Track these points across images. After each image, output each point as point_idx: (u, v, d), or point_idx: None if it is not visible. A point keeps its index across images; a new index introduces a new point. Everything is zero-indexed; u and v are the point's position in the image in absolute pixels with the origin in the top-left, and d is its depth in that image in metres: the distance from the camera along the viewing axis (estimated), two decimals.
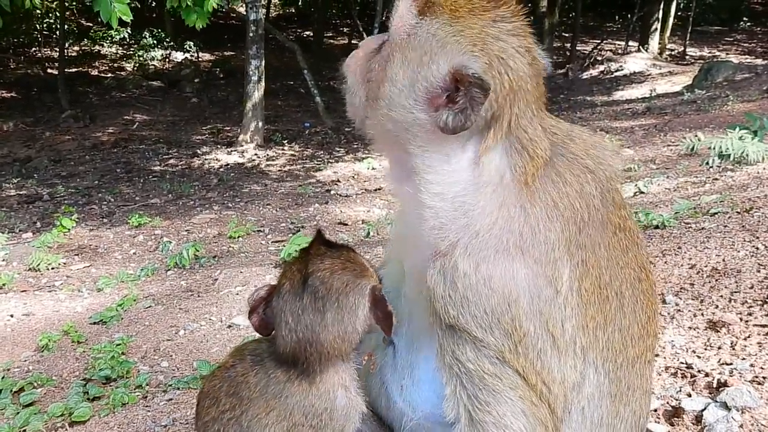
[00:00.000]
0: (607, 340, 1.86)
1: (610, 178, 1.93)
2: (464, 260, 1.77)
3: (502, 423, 1.78)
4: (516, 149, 1.82)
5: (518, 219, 1.78)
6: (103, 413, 4.24)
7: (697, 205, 7.00)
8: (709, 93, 18.50)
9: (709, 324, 3.68)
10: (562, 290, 1.78)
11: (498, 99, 1.78)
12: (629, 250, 1.93)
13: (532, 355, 1.78)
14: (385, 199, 12.16)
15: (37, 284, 8.70)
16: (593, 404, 1.87)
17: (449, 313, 1.79)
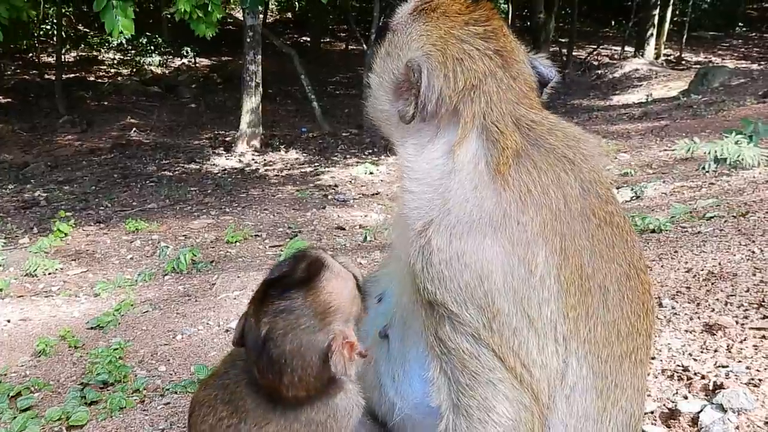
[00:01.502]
0: (589, 333, 1.88)
1: (592, 171, 1.97)
2: (438, 236, 1.84)
3: (485, 407, 1.80)
4: (489, 141, 1.92)
5: (490, 199, 1.85)
6: (101, 417, 4.24)
7: (693, 210, 7.03)
8: (705, 98, 18.57)
9: (705, 327, 3.69)
10: (537, 272, 1.82)
11: (452, 95, 1.93)
12: (616, 246, 1.95)
13: (507, 333, 1.81)
14: (382, 204, 12.19)
15: (33, 289, 8.68)
16: (578, 395, 1.88)
17: (427, 289, 1.85)
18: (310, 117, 21.12)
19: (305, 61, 21.72)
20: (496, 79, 1.96)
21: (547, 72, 2.15)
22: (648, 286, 2.03)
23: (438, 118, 1.97)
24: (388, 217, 11.07)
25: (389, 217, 10.95)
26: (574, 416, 1.89)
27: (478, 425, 1.81)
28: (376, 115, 2.17)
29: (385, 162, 15.80)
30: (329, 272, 1.95)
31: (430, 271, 1.84)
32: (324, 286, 1.93)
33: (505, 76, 1.98)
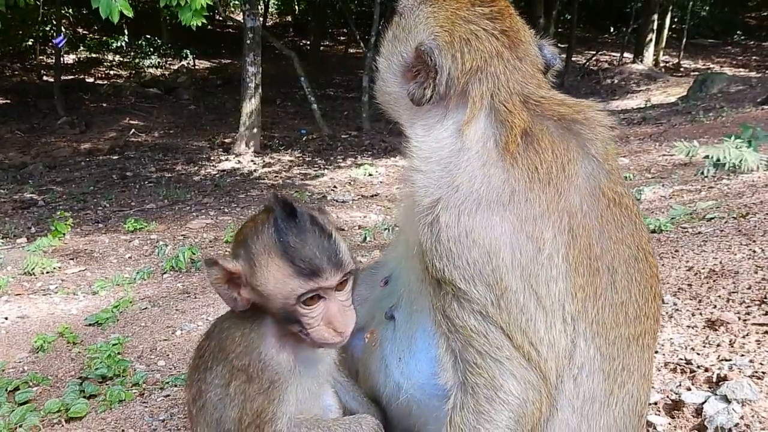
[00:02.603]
0: (597, 314, 1.88)
1: (601, 150, 1.97)
2: (446, 213, 1.85)
3: (492, 385, 1.80)
4: (497, 121, 1.93)
5: (498, 177, 1.86)
6: (101, 409, 4.21)
7: (693, 211, 7.03)
8: (704, 104, 18.63)
9: (707, 323, 3.68)
10: (545, 250, 1.82)
11: (460, 76, 1.95)
12: (624, 227, 1.95)
13: (515, 310, 1.81)
14: (381, 205, 12.18)
15: (31, 288, 8.65)
16: (585, 376, 1.88)
17: (435, 267, 1.85)
18: (310, 119, 21.14)
19: (305, 64, 21.75)
20: (503, 59, 1.98)
21: (551, 57, 2.16)
22: (656, 270, 2.03)
23: (447, 99, 1.98)
24: (387, 217, 11.06)
25: (389, 217, 10.95)
26: (581, 398, 1.89)
27: (485, 403, 1.81)
28: (384, 98, 2.18)
29: (384, 164, 15.81)
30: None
31: (438, 249, 1.84)
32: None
33: (512, 56, 1.99)
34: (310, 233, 1.92)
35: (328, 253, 1.89)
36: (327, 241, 1.91)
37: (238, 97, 19.54)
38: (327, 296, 1.91)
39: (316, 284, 1.87)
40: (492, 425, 1.81)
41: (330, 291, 1.91)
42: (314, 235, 1.91)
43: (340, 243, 1.94)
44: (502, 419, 1.81)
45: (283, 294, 1.88)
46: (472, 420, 1.82)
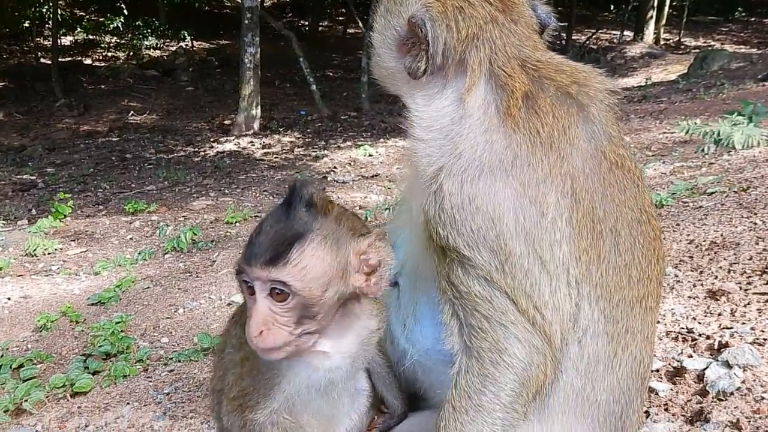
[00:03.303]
0: (601, 277, 1.88)
1: (602, 112, 1.96)
2: (449, 181, 1.84)
3: (497, 348, 1.81)
4: (498, 86, 1.91)
5: (500, 142, 1.85)
6: (105, 384, 4.25)
7: (694, 186, 7.03)
8: (705, 81, 18.53)
9: (708, 293, 3.69)
10: (549, 213, 1.82)
11: (456, 45, 1.92)
12: (627, 190, 1.95)
13: (519, 275, 1.81)
14: (382, 185, 12.17)
15: (33, 269, 8.67)
16: (590, 339, 1.89)
17: (439, 234, 1.85)
18: (309, 100, 21.05)
19: (303, 45, 21.61)
20: (498, 24, 1.96)
21: (545, 16, 2.13)
22: (658, 232, 2.03)
23: (445, 69, 1.96)
24: (388, 198, 11.06)
25: (389, 198, 10.95)
26: (585, 360, 1.90)
27: (490, 366, 1.82)
28: (381, 73, 2.15)
29: (384, 144, 15.77)
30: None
31: (441, 216, 1.84)
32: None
33: (507, 20, 1.97)
34: (278, 218, 1.83)
35: (267, 243, 1.77)
36: (279, 233, 1.78)
37: (236, 79, 19.44)
38: (256, 293, 1.80)
39: (243, 268, 1.79)
40: (497, 388, 1.82)
41: (260, 288, 1.79)
42: (277, 221, 1.82)
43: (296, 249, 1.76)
44: (507, 382, 1.82)
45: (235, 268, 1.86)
46: (477, 383, 1.84)
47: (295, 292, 1.76)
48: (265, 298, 1.78)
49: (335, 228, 1.85)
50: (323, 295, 1.80)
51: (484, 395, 1.82)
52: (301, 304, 1.78)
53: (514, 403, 1.83)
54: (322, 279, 1.79)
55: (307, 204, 1.84)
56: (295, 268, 1.75)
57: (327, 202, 1.91)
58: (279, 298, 1.78)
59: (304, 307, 1.79)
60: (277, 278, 1.74)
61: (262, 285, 1.77)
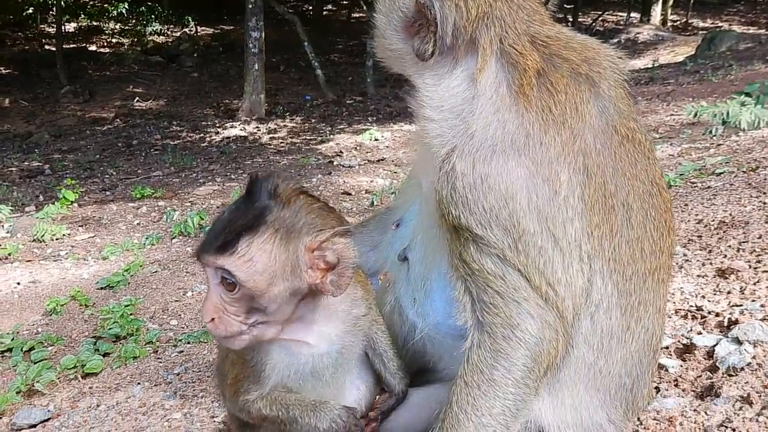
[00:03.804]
0: (614, 251, 1.88)
1: (612, 87, 1.95)
2: (461, 161, 1.83)
3: (509, 324, 1.82)
4: (509, 65, 1.89)
5: (512, 121, 1.84)
6: (116, 365, 4.29)
7: (702, 167, 7.00)
8: (713, 63, 18.37)
9: (717, 272, 3.68)
10: (562, 191, 1.81)
11: (466, 24, 1.89)
12: (638, 163, 1.94)
13: (533, 253, 1.81)
14: (388, 169, 12.15)
15: (42, 254, 8.73)
16: (602, 313, 1.89)
17: (452, 214, 1.84)
18: (314, 85, 21.01)
19: (308, 29, 21.52)
20: (506, 1, 1.93)
21: None
22: (669, 204, 2.02)
23: (455, 49, 1.93)
24: (393, 182, 11.05)
25: (395, 182, 10.93)
26: (597, 334, 1.90)
27: (502, 342, 1.82)
28: (386, 55, 2.11)
29: (389, 129, 15.73)
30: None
31: (454, 197, 1.83)
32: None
33: None
34: (236, 207, 1.83)
35: (218, 232, 1.79)
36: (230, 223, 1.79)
37: (241, 64, 19.40)
38: (209, 279, 1.82)
39: (198, 253, 1.81)
40: (509, 363, 1.83)
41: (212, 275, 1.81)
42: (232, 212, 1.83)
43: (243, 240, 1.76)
44: (519, 357, 1.82)
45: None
46: (489, 358, 1.84)
47: (240, 283, 1.76)
48: (217, 285, 1.80)
49: (291, 222, 1.82)
50: (268, 289, 1.79)
51: (497, 370, 1.83)
52: (248, 296, 1.78)
53: (526, 378, 1.84)
54: (267, 273, 1.78)
55: (269, 195, 1.83)
56: (240, 259, 1.76)
57: (294, 193, 1.89)
58: (228, 288, 1.78)
59: (251, 299, 1.79)
60: (223, 266, 1.76)
61: (213, 272, 1.80)
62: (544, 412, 1.96)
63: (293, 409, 1.95)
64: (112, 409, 3.55)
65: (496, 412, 1.83)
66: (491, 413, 1.83)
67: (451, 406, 1.87)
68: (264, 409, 1.96)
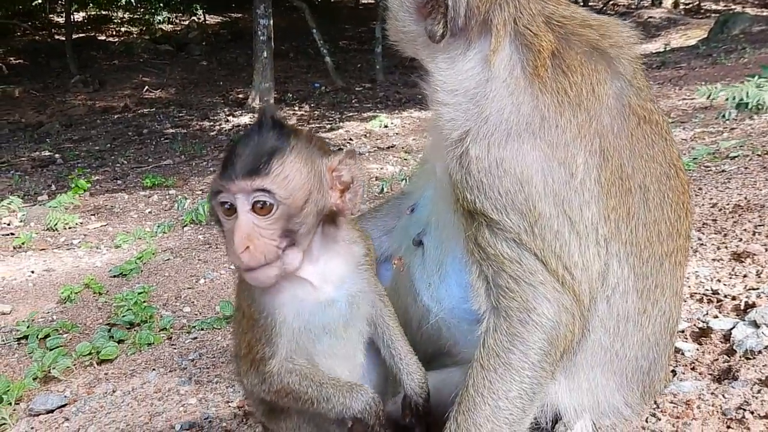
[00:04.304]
0: (631, 234, 1.86)
1: (629, 66, 1.92)
2: (475, 145, 1.82)
3: (525, 308, 1.80)
4: (523, 46, 1.87)
5: (527, 104, 1.82)
6: (130, 352, 4.33)
7: (716, 151, 6.93)
8: (725, 46, 18.14)
9: (733, 255, 3.65)
10: (578, 174, 1.79)
11: (479, 5, 1.87)
12: (655, 144, 1.92)
13: (549, 236, 1.80)
14: (398, 156, 12.12)
15: (55, 243, 8.79)
16: (619, 296, 1.88)
17: (467, 199, 1.83)
18: (323, 72, 20.95)
19: (316, 16, 21.43)
20: None
21: None
22: (687, 186, 2.00)
23: (468, 30, 1.91)
24: (403, 168, 11.03)
25: (405, 168, 10.91)
26: (614, 318, 1.89)
27: (519, 326, 1.81)
28: (399, 37, 2.08)
29: (399, 115, 15.68)
30: None
31: (468, 181, 1.82)
32: None
33: None
34: (253, 135, 1.83)
35: (247, 156, 1.77)
36: (257, 147, 1.79)
37: (249, 52, 19.37)
38: (238, 208, 1.77)
39: (224, 183, 1.77)
40: (525, 347, 1.82)
41: (242, 202, 1.77)
42: (251, 138, 1.82)
43: (276, 159, 1.78)
44: (536, 341, 1.82)
45: (210, 192, 1.86)
46: (506, 342, 1.83)
47: (280, 201, 1.77)
48: (248, 212, 1.77)
49: (307, 145, 1.87)
50: (305, 206, 1.81)
51: (513, 354, 1.82)
52: (285, 215, 1.79)
53: (542, 362, 1.83)
54: (303, 188, 1.81)
55: (276, 125, 1.85)
56: (278, 177, 1.77)
57: (294, 126, 1.95)
58: (262, 212, 1.77)
59: (288, 218, 1.79)
60: (262, 186, 1.75)
61: (244, 199, 1.77)
62: (560, 396, 1.96)
63: (327, 387, 1.92)
64: (128, 395, 3.58)
65: (513, 396, 1.83)
66: (508, 396, 1.83)
67: (467, 389, 1.86)
68: (293, 383, 1.92)
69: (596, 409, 2.00)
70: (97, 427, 3.26)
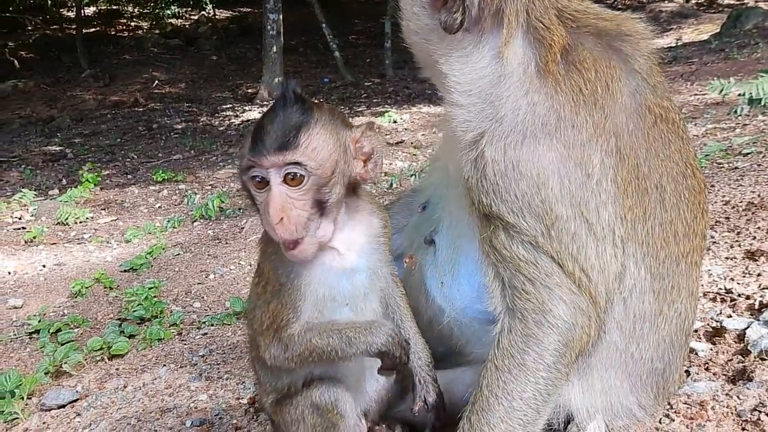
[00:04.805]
0: (647, 234, 1.85)
1: (645, 63, 1.89)
2: (491, 147, 1.80)
3: (541, 310, 1.80)
4: (535, 40, 1.85)
5: (542, 104, 1.80)
6: (141, 347, 4.34)
7: (728, 147, 6.87)
8: (738, 41, 17.95)
9: (746, 254, 3.62)
10: (594, 174, 1.78)
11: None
12: (672, 143, 1.89)
13: (566, 239, 1.78)
14: (407, 152, 12.10)
15: (66, 237, 8.83)
16: (635, 297, 1.87)
17: (482, 202, 1.82)
18: (332, 67, 20.91)
19: (325, 11, 21.39)
20: None
21: None
22: (703, 186, 1.98)
23: (481, 21, 1.89)
24: (413, 164, 11.00)
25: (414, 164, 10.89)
26: (630, 319, 1.87)
27: (534, 327, 1.80)
28: (414, 37, 2.05)
29: (408, 111, 15.64)
30: None
31: (484, 184, 1.81)
32: None
33: None
34: (278, 111, 1.88)
35: (276, 131, 1.84)
36: (285, 122, 1.85)
37: (259, 47, 19.36)
38: (271, 181, 1.85)
39: (255, 159, 1.84)
40: (540, 348, 1.81)
41: (274, 175, 1.85)
42: (277, 114, 1.87)
43: (303, 132, 1.86)
44: (551, 342, 1.81)
45: (240, 168, 1.93)
46: (521, 343, 1.82)
47: (310, 172, 1.85)
48: (280, 184, 1.85)
49: (331, 118, 1.96)
50: (332, 176, 1.90)
51: (528, 355, 1.81)
52: (315, 185, 1.87)
53: (557, 363, 1.82)
54: (331, 158, 1.90)
55: (299, 99, 1.92)
56: (307, 149, 1.85)
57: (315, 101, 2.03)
58: (294, 183, 1.86)
59: (318, 188, 1.88)
60: (293, 159, 1.83)
61: (276, 172, 1.85)
62: (573, 397, 1.95)
63: (347, 331, 1.95)
64: (139, 390, 3.59)
65: (527, 396, 1.82)
66: (522, 397, 1.82)
67: (481, 389, 1.86)
68: (314, 338, 1.95)
69: (609, 411, 1.98)
70: (108, 422, 3.27)
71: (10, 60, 22.95)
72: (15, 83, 21.07)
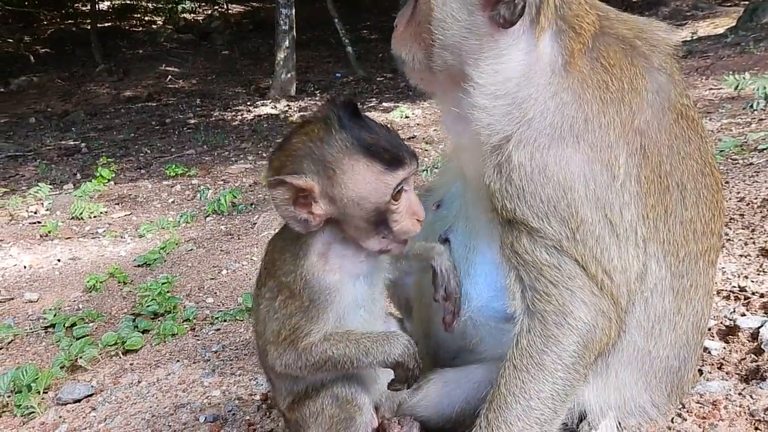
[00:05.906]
0: (668, 233, 1.84)
1: (666, 61, 1.89)
2: (518, 151, 1.78)
3: (562, 312, 1.79)
4: (563, 27, 1.84)
5: (570, 105, 1.78)
6: (155, 342, 4.38)
7: (743, 143, 6.81)
8: (755, 34, 17.75)
9: (761, 251, 3.60)
10: (620, 175, 1.77)
11: None
12: (692, 141, 1.88)
13: (590, 242, 1.77)
14: (419, 147, 12.09)
15: (80, 231, 8.90)
16: (656, 297, 1.86)
17: (506, 207, 1.80)
18: (344, 62, 20.91)
19: (338, 6, 21.37)
20: None
21: None
22: (721, 184, 1.97)
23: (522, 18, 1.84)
24: (425, 159, 10.99)
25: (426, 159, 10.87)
26: (650, 318, 1.87)
27: (554, 328, 1.80)
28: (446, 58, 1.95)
29: (420, 106, 15.61)
30: None
31: (509, 189, 1.79)
32: None
33: None
34: (379, 128, 1.90)
35: (402, 143, 1.90)
36: (393, 133, 1.91)
37: (272, 42, 19.38)
38: (407, 187, 1.88)
39: (404, 174, 1.83)
40: (560, 348, 1.81)
41: (409, 181, 1.89)
42: (383, 130, 1.90)
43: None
44: (570, 343, 1.80)
45: (377, 193, 1.82)
46: (540, 343, 1.82)
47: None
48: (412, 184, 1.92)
49: None
50: None
51: (547, 355, 1.81)
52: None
53: (576, 364, 1.82)
54: None
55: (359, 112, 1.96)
56: None
57: None
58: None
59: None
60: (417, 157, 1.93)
61: (412, 179, 1.91)
62: (586, 394, 1.95)
63: (364, 342, 1.94)
64: (153, 386, 3.62)
65: (545, 396, 1.82)
66: (539, 397, 1.82)
67: (498, 388, 1.86)
68: (331, 348, 1.94)
69: (622, 409, 1.98)
70: (123, 417, 3.31)
71: (25, 55, 23.13)
72: (30, 78, 21.25)
